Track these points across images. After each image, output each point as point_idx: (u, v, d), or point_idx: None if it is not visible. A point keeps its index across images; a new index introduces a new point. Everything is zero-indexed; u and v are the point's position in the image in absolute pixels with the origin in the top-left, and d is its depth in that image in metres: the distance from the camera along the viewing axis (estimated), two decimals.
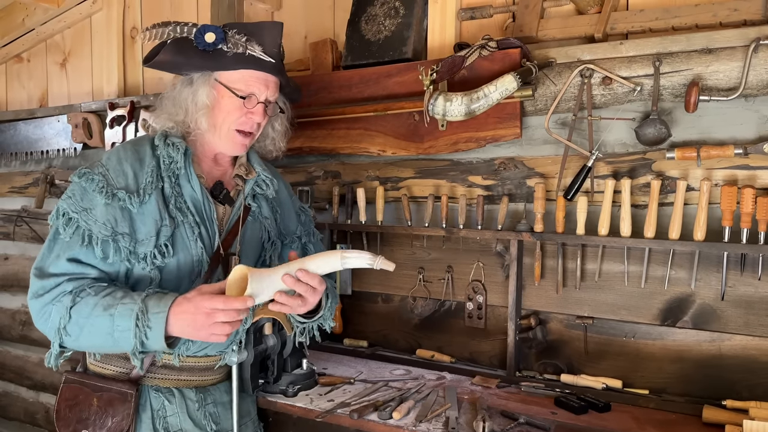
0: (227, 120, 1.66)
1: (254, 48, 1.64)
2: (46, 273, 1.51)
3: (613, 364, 1.99)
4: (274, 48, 1.67)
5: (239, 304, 1.39)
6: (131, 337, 1.41)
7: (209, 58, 1.64)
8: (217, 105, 1.66)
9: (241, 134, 1.68)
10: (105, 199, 1.53)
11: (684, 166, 1.87)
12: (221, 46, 1.64)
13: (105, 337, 1.45)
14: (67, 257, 1.51)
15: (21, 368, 3.56)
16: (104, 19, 3.21)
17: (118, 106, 2.95)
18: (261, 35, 1.67)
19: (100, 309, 1.44)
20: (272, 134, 1.83)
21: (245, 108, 1.66)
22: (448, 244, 2.29)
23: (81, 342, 1.49)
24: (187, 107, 1.67)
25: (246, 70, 1.65)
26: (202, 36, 1.64)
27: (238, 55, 1.64)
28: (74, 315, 1.45)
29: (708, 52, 1.78)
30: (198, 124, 1.67)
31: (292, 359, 1.97)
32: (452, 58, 2.08)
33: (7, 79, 3.75)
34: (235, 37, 1.64)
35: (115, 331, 1.43)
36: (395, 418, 1.72)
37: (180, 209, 1.60)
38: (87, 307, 1.45)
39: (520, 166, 2.15)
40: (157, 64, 1.70)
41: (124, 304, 1.43)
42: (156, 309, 1.42)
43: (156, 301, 1.44)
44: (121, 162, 1.60)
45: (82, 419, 1.61)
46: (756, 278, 1.77)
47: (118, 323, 1.42)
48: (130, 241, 1.53)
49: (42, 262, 1.53)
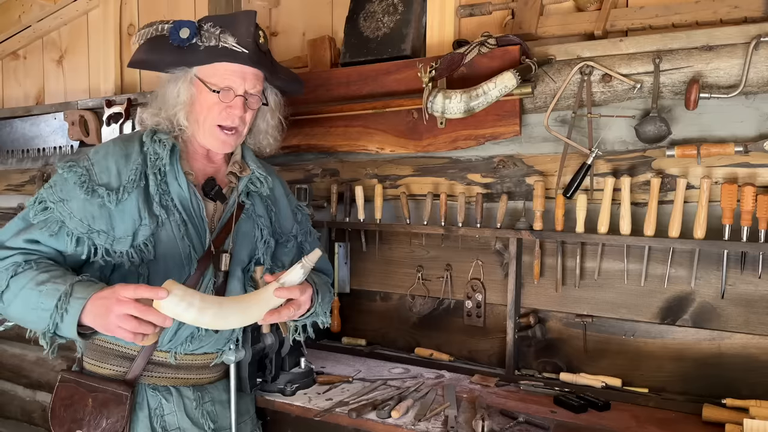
0: (208, 116, 1.64)
1: (227, 40, 1.61)
2: (2, 245, 1.51)
3: (613, 363, 1.99)
4: (247, 38, 1.62)
5: (154, 316, 1.31)
6: (47, 317, 1.37)
7: (184, 54, 1.63)
8: (197, 101, 1.65)
9: (224, 130, 1.66)
10: (84, 194, 1.52)
11: (684, 164, 1.86)
12: (195, 41, 1.62)
13: (29, 312, 1.42)
14: (27, 237, 1.50)
15: (18, 367, 3.54)
16: (101, 16, 3.19)
17: (115, 103, 2.94)
18: (235, 26, 1.63)
19: (33, 283, 1.42)
20: (265, 128, 1.80)
21: (223, 102, 1.63)
22: (446, 242, 2.28)
23: (10, 311, 1.47)
24: (168, 104, 1.66)
25: (220, 64, 1.62)
26: (177, 32, 1.62)
27: (211, 48, 1.62)
28: (12, 285, 1.44)
29: (708, 50, 1.78)
30: (179, 121, 1.66)
31: (290, 358, 1.96)
32: (451, 56, 2.07)
33: (4, 76, 3.73)
34: (209, 30, 1.62)
35: (38, 308, 1.40)
36: (394, 417, 1.71)
37: (166, 207, 1.59)
38: (24, 279, 1.43)
39: (519, 163, 2.14)
40: (134, 63, 1.71)
41: (54, 283, 1.40)
42: (80, 294, 1.38)
43: (84, 287, 1.39)
44: (107, 157, 1.59)
45: (77, 419, 1.59)
46: (756, 276, 1.76)
47: (42, 301, 1.39)
48: (107, 238, 1.52)
49: (1, 235, 1.53)
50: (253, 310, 1.45)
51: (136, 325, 1.31)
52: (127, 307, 1.30)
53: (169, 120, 1.67)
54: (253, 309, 1.45)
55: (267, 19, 2.78)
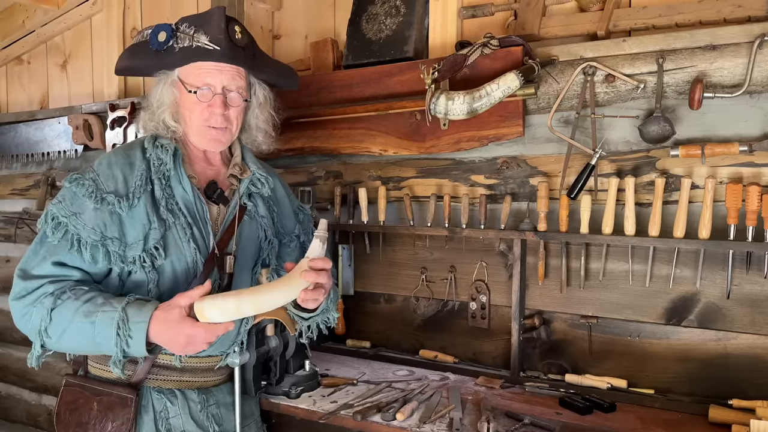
0: (192, 116, 1.65)
1: (200, 39, 1.60)
2: (30, 275, 1.51)
3: (618, 364, 1.98)
4: (219, 34, 1.60)
5: (221, 329, 1.44)
6: (113, 345, 1.43)
7: (162, 57, 1.64)
8: (181, 102, 1.66)
9: (212, 128, 1.66)
10: (94, 203, 1.53)
11: (688, 164, 1.85)
12: (171, 43, 1.62)
13: (87, 342, 1.47)
14: (53, 261, 1.51)
15: (23, 371, 3.55)
16: (104, 21, 3.21)
17: (119, 107, 2.95)
18: (207, 24, 1.62)
19: (81, 315, 1.45)
20: (255, 124, 1.79)
21: (202, 102, 1.63)
22: (450, 243, 2.27)
23: (62, 344, 1.50)
24: (153, 107, 1.68)
25: (194, 63, 1.63)
26: (156, 36, 1.63)
27: (185, 48, 1.61)
28: (55, 318, 1.46)
29: (712, 49, 1.77)
30: (166, 122, 1.67)
31: (295, 360, 1.96)
32: (454, 57, 2.07)
33: (8, 81, 3.75)
34: (184, 31, 1.61)
35: (96, 336, 1.45)
36: (399, 420, 1.71)
37: (171, 211, 1.59)
38: (68, 312, 1.45)
39: (522, 164, 2.13)
40: (119, 71, 1.76)
41: (104, 312, 1.44)
42: (137, 318, 1.43)
43: (136, 310, 1.44)
44: (111, 166, 1.60)
45: (82, 423, 1.60)
46: (762, 276, 1.75)
47: (99, 331, 1.44)
48: (120, 245, 1.53)
49: (26, 264, 1.53)
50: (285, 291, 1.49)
51: (206, 346, 1.46)
52: (196, 331, 1.42)
53: (158, 122, 1.68)
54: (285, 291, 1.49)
55: (270, 22, 2.79)
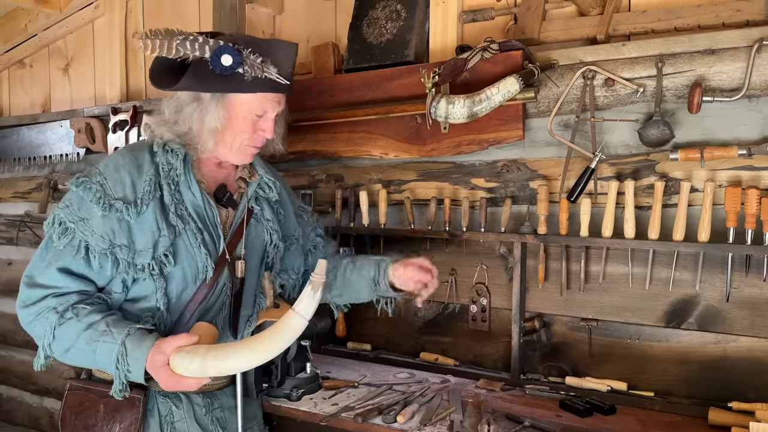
0: (237, 137, 1.64)
1: (270, 70, 1.61)
2: (34, 282, 1.52)
3: (618, 367, 1.99)
4: (289, 69, 1.64)
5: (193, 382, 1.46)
6: (114, 376, 1.47)
7: (226, 81, 1.59)
8: (228, 125, 1.63)
9: (254, 147, 1.69)
10: (102, 210, 1.52)
11: (688, 168, 1.86)
12: (238, 69, 1.59)
13: (89, 363, 1.54)
14: (58, 267, 1.51)
15: (25, 373, 3.56)
16: (106, 24, 3.22)
17: (121, 110, 2.96)
18: (276, 55, 1.63)
19: (83, 342, 1.47)
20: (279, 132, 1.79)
21: (257, 126, 1.65)
22: (451, 246, 2.28)
23: (66, 360, 1.55)
24: (191, 125, 1.63)
25: (262, 93, 1.63)
26: (219, 59, 1.57)
27: (255, 78, 1.60)
28: (58, 336, 1.49)
29: (711, 53, 1.78)
30: (205, 146, 1.64)
31: (296, 363, 1.96)
32: (454, 61, 2.08)
33: (10, 84, 3.76)
34: (250, 57, 1.59)
35: (97, 363, 1.49)
36: (399, 422, 1.72)
37: (181, 217, 1.59)
38: (71, 333, 1.48)
39: (522, 168, 2.14)
40: (180, 88, 1.62)
41: (105, 342, 1.46)
42: (135, 354, 1.44)
43: (135, 345, 1.45)
44: (119, 169, 1.58)
45: (89, 426, 1.60)
46: (761, 279, 1.76)
47: (100, 358, 1.47)
48: (129, 253, 1.53)
49: (32, 270, 1.54)
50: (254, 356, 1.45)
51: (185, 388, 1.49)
52: (172, 380, 1.44)
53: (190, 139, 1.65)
54: (254, 355, 1.45)
55: (271, 26, 2.80)
